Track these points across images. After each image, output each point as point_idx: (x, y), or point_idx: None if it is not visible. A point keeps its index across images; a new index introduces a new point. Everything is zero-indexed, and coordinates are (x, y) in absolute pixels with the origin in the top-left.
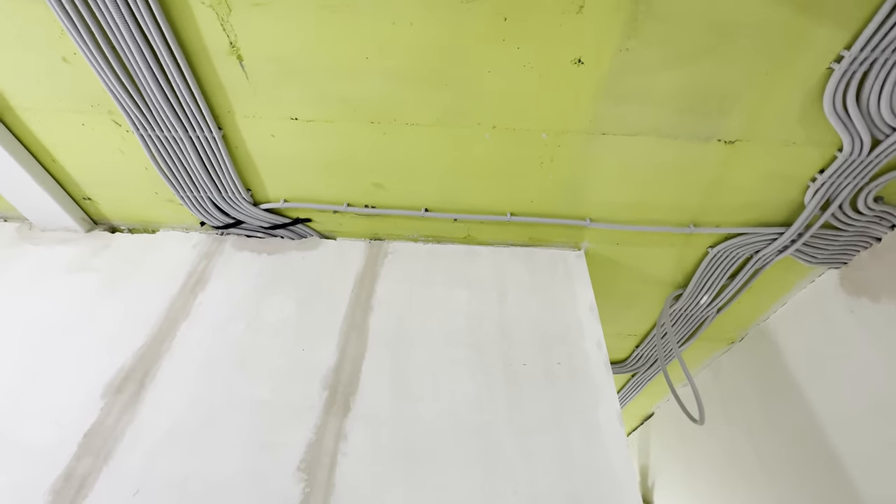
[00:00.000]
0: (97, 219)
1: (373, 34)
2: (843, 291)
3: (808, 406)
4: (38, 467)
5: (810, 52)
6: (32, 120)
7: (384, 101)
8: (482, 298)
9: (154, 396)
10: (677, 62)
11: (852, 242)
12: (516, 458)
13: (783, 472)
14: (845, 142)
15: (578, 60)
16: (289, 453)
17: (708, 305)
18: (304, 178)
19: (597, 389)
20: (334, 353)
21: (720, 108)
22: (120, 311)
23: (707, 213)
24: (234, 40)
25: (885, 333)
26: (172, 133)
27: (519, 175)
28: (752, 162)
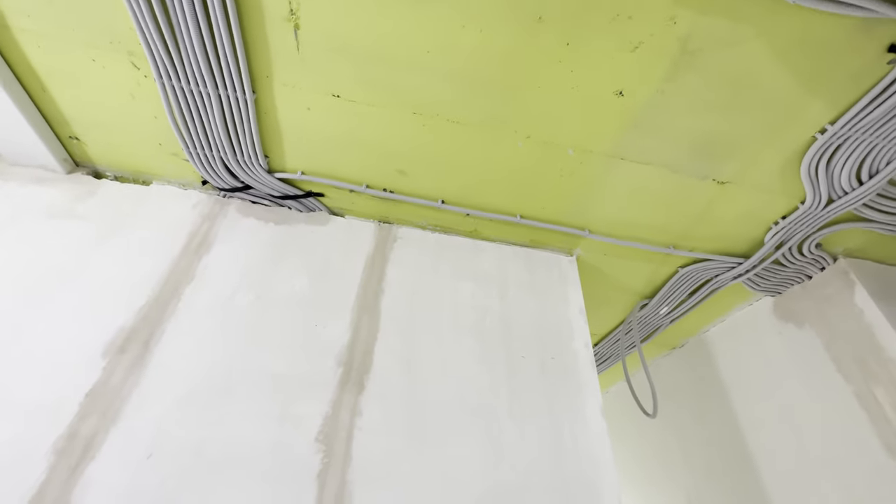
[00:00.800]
0: (80, 161)
1: (441, 32)
2: (774, 316)
3: (731, 411)
4: (36, 425)
5: (803, 121)
6: (30, 43)
7: (433, 96)
8: (486, 292)
9: (161, 360)
10: (699, 110)
11: (790, 277)
12: (514, 438)
13: (702, 466)
14: (808, 196)
15: (620, 92)
16: (307, 425)
17: (665, 316)
18: (328, 154)
19: (583, 385)
20: (347, 332)
21: (722, 154)
22: (115, 266)
23: (686, 238)
24: (295, 9)
25: (805, 356)
26: (200, 88)
27: (538, 183)
28: (734, 201)
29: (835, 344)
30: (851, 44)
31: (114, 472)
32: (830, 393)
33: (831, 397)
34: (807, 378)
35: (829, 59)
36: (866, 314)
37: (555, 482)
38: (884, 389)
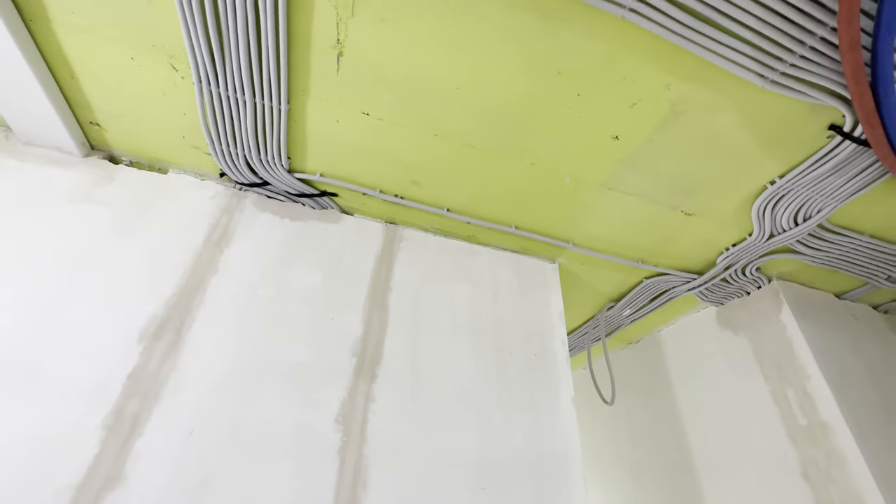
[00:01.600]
0: (96, 145)
1: (472, 74)
2: (716, 323)
3: (674, 399)
4: (84, 404)
5: (758, 173)
6: (68, 35)
7: (455, 123)
8: (480, 294)
9: (194, 347)
10: (678, 156)
11: (732, 292)
12: (502, 423)
13: (646, 445)
14: (755, 231)
15: (616, 137)
16: (327, 408)
17: (627, 317)
18: (349, 160)
19: (559, 378)
20: (360, 326)
21: (692, 191)
22: (141, 254)
23: (653, 255)
24: (342, 38)
25: (736, 358)
26: (238, 96)
27: (535, 201)
28: (696, 229)
29: (760, 350)
30: (801, 122)
31: (160, 446)
32: (753, 390)
33: (753, 394)
34: (736, 376)
35: (785, 130)
36: (788, 328)
37: (534, 459)
38: (793, 390)
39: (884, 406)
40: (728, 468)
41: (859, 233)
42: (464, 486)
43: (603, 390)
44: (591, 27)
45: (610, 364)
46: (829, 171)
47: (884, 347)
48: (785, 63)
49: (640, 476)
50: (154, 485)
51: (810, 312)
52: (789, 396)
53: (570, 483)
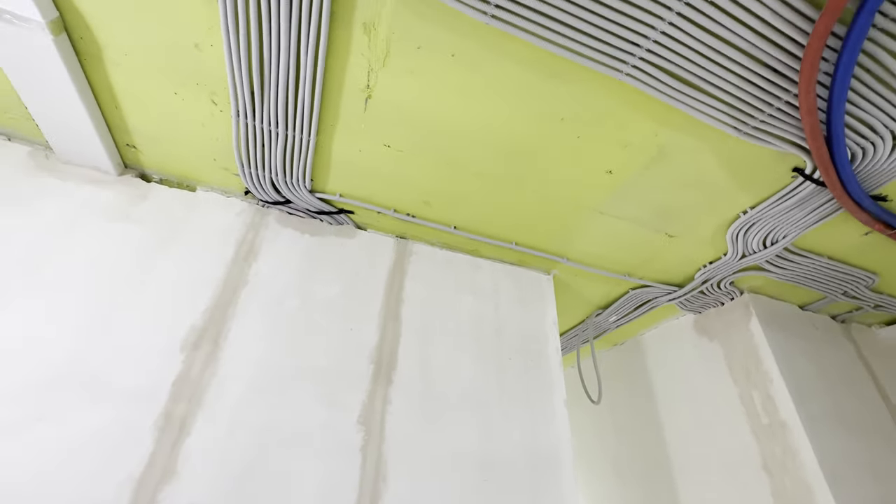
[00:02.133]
0: (130, 164)
1: (485, 116)
2: (693, 330)
3: (654, 397)
4: (138, 407)
5: (732, 204)
6: (118, 73)
7: (467, 156)
8: (483, 304)
9: (230, 355)
10: (663, 189)
11: (708, 302)
12: (501, 422)
13: (628, 439)
14: (729, 251)
15: (609, 171)
16: (349, 410)
17: (613, 322)
18: (367, 183)
19: (553, 382)
20: (376, 335)
21: (675, 217)
22: (176, 269)
23: (639, 270)
24: (371, 84)
25: (710, 361)
26: (272, 128)
27: (535, 222)
28: (677, 249)
29: (731, 355)
30: (770, 163)
31: (206, 444)
32: (723, 391)
33: (723, 394)
34: (710, 378)
35: (755, 170)
36: (755, 336)
37: (531, 454)
38: (758, 392)
39: (834, 407)
40: (700, 462)
41: (819, 255)
42: (468, 479)
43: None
44: (592, 85)
45: (597, 366)
46: (793, 205)
47: (838, 354)
48: (756, 119)
49: (623, 469)
50: (203, 478)
51: (776, 322)
52: (754, 398)
53: (562, 477)
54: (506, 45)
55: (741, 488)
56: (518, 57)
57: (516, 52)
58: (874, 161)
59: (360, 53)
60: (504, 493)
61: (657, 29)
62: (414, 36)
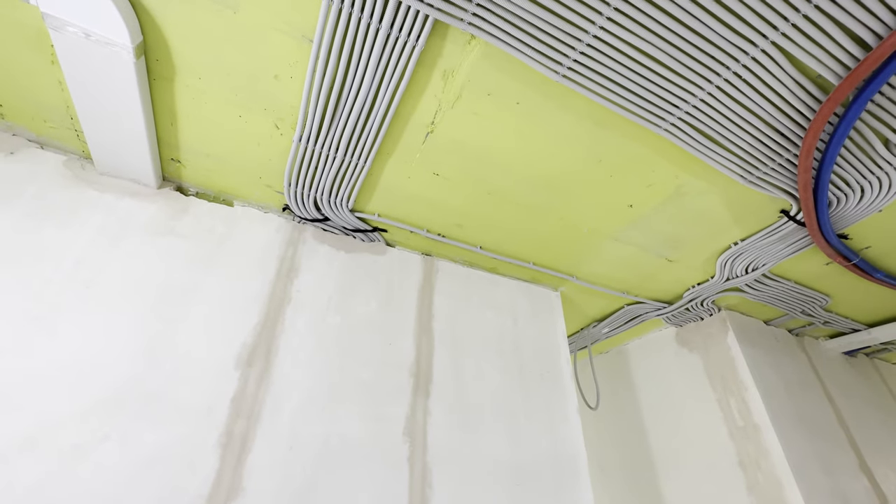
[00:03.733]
0: (168, 177)
1: (530, 154)
2: (675, 341)
3: (637, 402)
4: (200, 425)
5: (726, 236)
6: (185, 94)
7: (506, 186)
8: (503, 319)
9: (281, 371)
10: (674, 222)
11: (690, 317)
12: (528, 430)
13: (611, 441)
14: (717, 275)
15: (630, 205)
16: (395, 422)
17: (605, 333)
18: (406, 205)
19: (566, 391)
20: (413, 349)
21: (677, 245)
22: (222, 285)
23: (636, 288)
24: (435, 121)
25: (690, 371)
26: (332, 153)
27: (555, 245)
28: (673, 271)
29: (710, 366)
30: (763, 205)
31: (267, 460)
32: (702, 398)
33: (703, 401)
34: (690, 386)
35: (750, 209)
36: (732, 349)
37: (554, 459)
38: (734, 398)
39: (795, 410)
40: (681, 461)
41: (788, 280)
42: (504, 484)
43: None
44: (632, 134)
45: (595, 375)
46: (776, 240)
47: (794, 363)
48: (760, 171)
49: (609, 470)
50: (268, 493)
51: (747, 336)
52: (731, 403)
53: (580, 480)
54: (566, 98)
55: (719, 483)
56: (573, 108)
57: (573, 105)
58: (845, 208)
59: (434, 95)
60: (536, 497)
61: (697, 96)
62: (486, 84)
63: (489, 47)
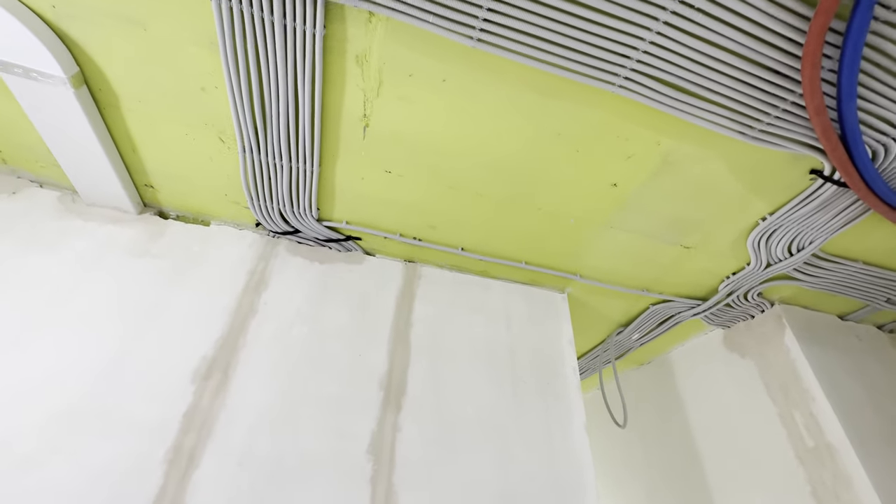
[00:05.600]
0: (148, 203)
1: (480, 137)
2: (723, 346)
3: (685, 419)
4: (149, 439)
5: (750, 212)
6: (134, 119)
7: (467, 177)
8: (494, 326)
9: (239, 385)
10: (672, 200)
11: (737, 316)
12: (519, 449)
13: (660, 466)
14: (752, 261)
15: (614, 184)
16: (359, 439)
17: (636, 340)
18: (372, 209)
19: (571, 405)
20: (385, 360)
21: (688, 228)
22: (190, 301)
23: (657, 284)
24: (368, 113)
25: (744, 380)
26: (277, 161)
27: (542, 240)
28: (695, 261)
29: (767, 373)
30: (784, 168)
31: (214, 477)
32: (761, 412)
33: (762, 415)
34: (745, 398)
35: (769, 175)
36: (791, 352)
37: (551, 484)
38: (799, 412)
39: (886, 427)
40: (739, 487)
41: (853, 260)
42: None
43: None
44: (585, 99)
45: (621, 388)
46: (816, 208)
47: (886, 368)
48: (762, 122)
49: (655, 497)
50: None
51: (813, 335)
52: (796, 418)
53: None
54: (494, 66)
55: None
56: (507, 77)
57: (505, 73)
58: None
59: (356, 85)
60: None
61: (646, 39)
62: (405, 65)
63: (392, 23)
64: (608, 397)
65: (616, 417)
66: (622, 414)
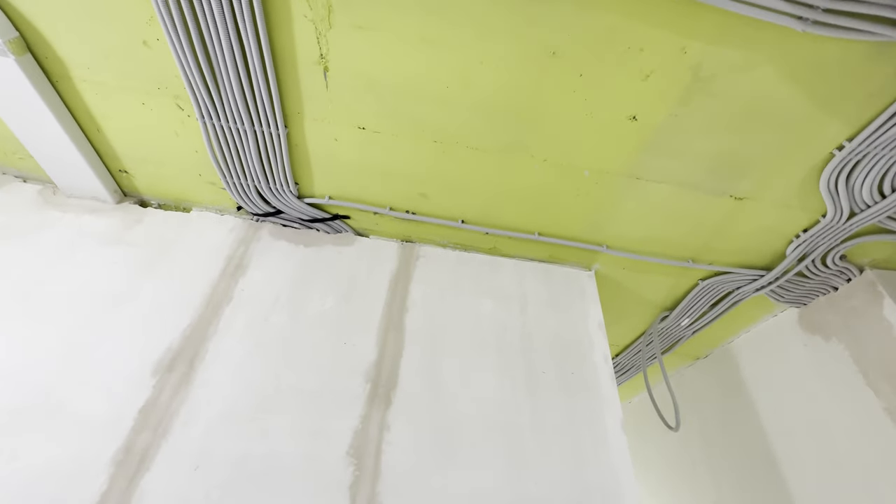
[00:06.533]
0: (128, 191)
1: (460, 69)
2: (800, 328)
3: (758, 421)
4: (97, 439)
5: (819, 139)
6: (88, 91)
7: (452, 125)
8: (506, 308)
9: (205, 378)
10: (714, 131)
11: (815, 289)
12: (536, 453)
13: (729, 478)
14: (829, 210)
15: (633, 117)
16: (338, 440)
17: (687, 327)
18: (354, 179)
19: (603, 399)
20: (374, 349)
21: (738, 172)
22: (161, 289)
23: (705, 252)
24: (325, 53)
25: (833, 369)
26: (238, 125)
27: (554, 202)
28: (752, 216)
29: (864, 358)
30: (865, 66)
31: (165, 482)
32: (860, 407)
33: (861, 412)
34: (836, 391)
35: (843, 81)
36: (895, 328)
37: (576, 495)
38: None
39: None
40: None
41: None
42: None
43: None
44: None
45: (669, 383)
46: None
47: None
48: None
49: None
50: None
51: None
52: None
53: None
54: None
55: None
56: None
57: None
58: None
59: (303, 15)
60: None
61: None
62: None
63: None
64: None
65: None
66: (674, 414)
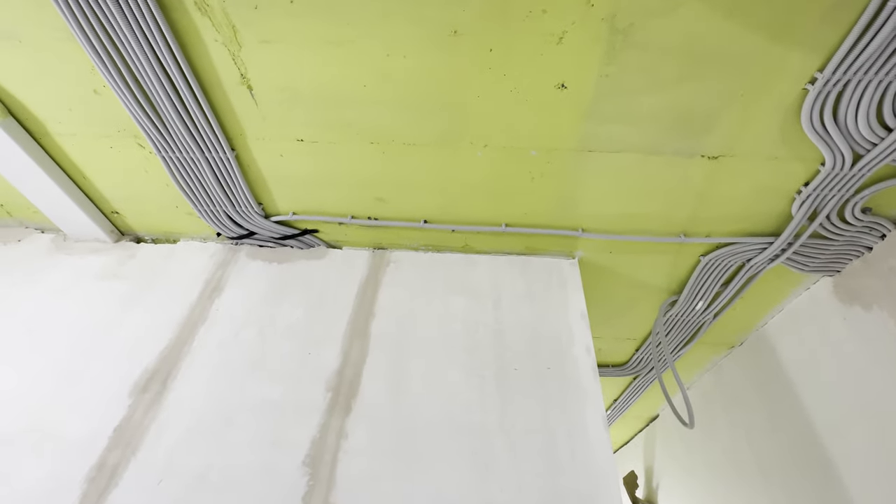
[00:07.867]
0: (124, 230)
1: (371, 65)
2: (836, 299)
3: (804, 409)
4: (75, 458)
5: (784, 75)
6: (67, 143)
7: (382, 124)
8: (479, 306)
9: (175, 395)
10: (657, 87)
11: (844, 251)
12: (504, 456)
13: (779, 473)
14: (826, 156)
15: (562, 85)
16: (295, 450)
17: (704, 311)
18: (310, 193)
19: (584, 393)
20: (338, 358)
21: (701, 127)
22: (145, 316)
23: (697, 223)
24: (244, 72)
25: (876, 341)
26: (190, 154)
27: (511, 189)
28: (736, 176)
29: None
30: None
31: (132, 497)
32: None
33: None
34: (887, 367)
35: (792, 2)
36: None
37: (548, 500)
38: None
39: None
40: None
41: None
42: None
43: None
44: None
45: (678, 376)
46: None
47: None
48: None
49: None
50: None
51: None
52: None
53: None
54: None
55: None
56: None
57: None
58: None
59: (214, 40)
60: None
61: None
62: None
63: None
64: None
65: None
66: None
